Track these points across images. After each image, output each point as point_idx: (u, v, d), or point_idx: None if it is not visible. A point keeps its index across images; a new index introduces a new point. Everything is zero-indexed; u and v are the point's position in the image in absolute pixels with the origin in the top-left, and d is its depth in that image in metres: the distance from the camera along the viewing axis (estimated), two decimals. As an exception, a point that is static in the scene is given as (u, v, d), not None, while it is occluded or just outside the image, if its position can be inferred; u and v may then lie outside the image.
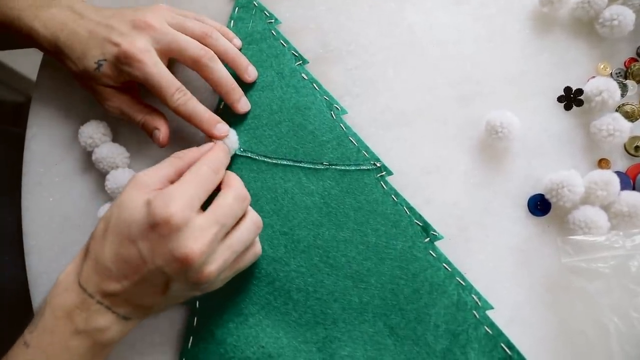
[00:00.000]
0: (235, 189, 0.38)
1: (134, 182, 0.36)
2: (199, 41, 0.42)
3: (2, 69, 0.97)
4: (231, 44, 0.44)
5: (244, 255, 0.39)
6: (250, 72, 0.45)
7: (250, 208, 0.39)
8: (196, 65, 0.42)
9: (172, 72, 0.41)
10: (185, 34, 0.42)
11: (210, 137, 0.42)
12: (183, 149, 0.40)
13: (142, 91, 0.45)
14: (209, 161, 0.38)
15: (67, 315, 0.35)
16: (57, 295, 0.36)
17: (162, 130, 0.43)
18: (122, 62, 0.40)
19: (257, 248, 0.40)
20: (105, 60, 0.41)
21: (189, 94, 0.42)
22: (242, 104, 0.44)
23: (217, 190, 0.38)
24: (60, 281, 0.36)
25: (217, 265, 0.35)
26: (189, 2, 0.49)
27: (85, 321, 0.35)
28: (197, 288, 0.37)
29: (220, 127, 0.42)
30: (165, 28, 0.41)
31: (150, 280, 0.35)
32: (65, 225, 0.47)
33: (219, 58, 0.43)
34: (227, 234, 0.37)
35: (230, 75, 0.43)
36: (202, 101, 0.46)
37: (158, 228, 0.34)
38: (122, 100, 0.44)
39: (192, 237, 0.34)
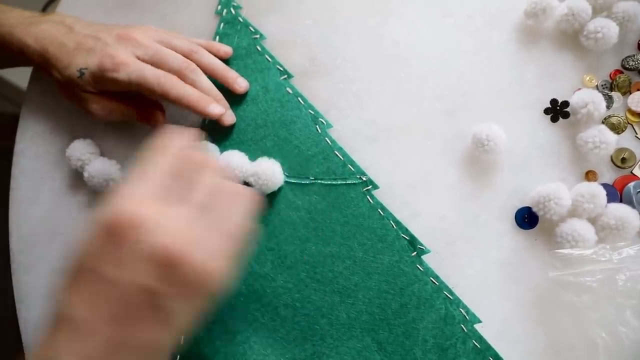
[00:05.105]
0: (202, 165, 0.31)
1: None
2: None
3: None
4: (218, 60, 0.45)
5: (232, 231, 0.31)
6: (241, 83, 0.45)
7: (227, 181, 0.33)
8: (179, 78, 0.42)
9: None
10: None
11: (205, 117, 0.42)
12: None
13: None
14: (166, 159, 0.31)
15: None
16: None
17: (159, 115, 0.44)
18: (104, 69, 0.40)
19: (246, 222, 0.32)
20: (87, 68, 0.41)
21: (174, 77, 0.41)
22: (228, 116, 0.44)
23: None
24: None
25: (217, 258, 0.29)
26: (176, 17, 0.49)
27: None
28: (202, 296, 0.29)
29: (215, 106, 0.42)
30: (149, 42, 0.42)
31: (139, 306, 0.28)
32: (54, 241, 0.47)
33: (208, 74, 0.43)
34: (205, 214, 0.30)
35: (215, 87, 0.43)
36: (187, 114, 0.47)
37: (122, 237, 0.27)
38: (109, 101, 0.44)
39: (172, 233, 0.28)
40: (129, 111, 0.45)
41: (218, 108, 0.42)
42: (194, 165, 0.31)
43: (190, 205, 0.30)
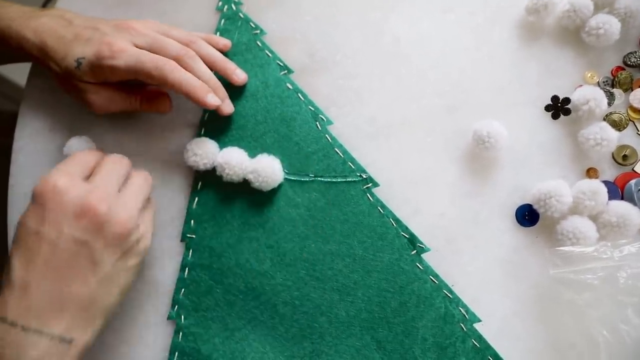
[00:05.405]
0: (109, 157, 0.40)
1: None
2: None
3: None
4: (217, 51, 0.44)
5: (149, 207, 0.40)
6: (239, 74, 0.44)
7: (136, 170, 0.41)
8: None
9: None
10: None
11: (203, 107, 0.42)
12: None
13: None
14: (83, 154, 0.40)
15: None
16: None
17: (165, 100, 0.44)
18: (102, 57, 0.40)
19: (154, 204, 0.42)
20: (84, 58, 0.41)
21: (173, 62, 0.40)
22: (226, 105, 0.44)
23: None
24: None
25: (127, 212, 0.36)
26: (176, 14, 0.49)
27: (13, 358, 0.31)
28: (127, 250, 0.36)
29: (213, 96, 0.41)
30: (147, 30, 0.42)
31: (70, 258, 0.34)
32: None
33: (207, 65, 0.43)
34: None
35: (213, 74, 0.43)
36: (186, 110, 0.46)
37: (47, 198, 0.34)
38: (109, 90, 0.43)
39: (85, 191, 0.35)
40: (131, 99, 0.44)
41: (215, 99, 0.41)
42: (109, 161, 0.39)
43: (107, 183, 0.37)
